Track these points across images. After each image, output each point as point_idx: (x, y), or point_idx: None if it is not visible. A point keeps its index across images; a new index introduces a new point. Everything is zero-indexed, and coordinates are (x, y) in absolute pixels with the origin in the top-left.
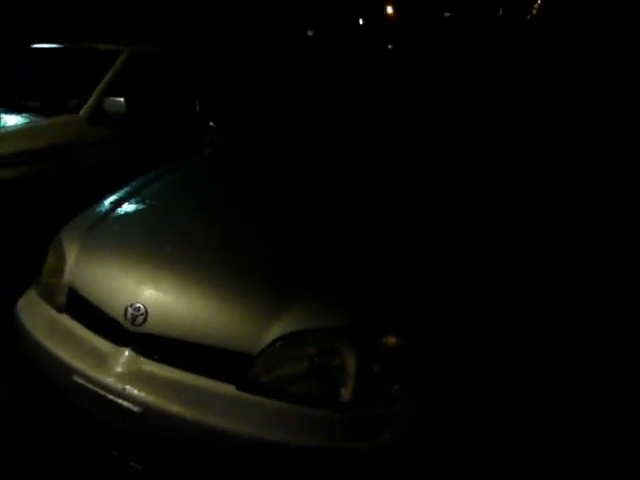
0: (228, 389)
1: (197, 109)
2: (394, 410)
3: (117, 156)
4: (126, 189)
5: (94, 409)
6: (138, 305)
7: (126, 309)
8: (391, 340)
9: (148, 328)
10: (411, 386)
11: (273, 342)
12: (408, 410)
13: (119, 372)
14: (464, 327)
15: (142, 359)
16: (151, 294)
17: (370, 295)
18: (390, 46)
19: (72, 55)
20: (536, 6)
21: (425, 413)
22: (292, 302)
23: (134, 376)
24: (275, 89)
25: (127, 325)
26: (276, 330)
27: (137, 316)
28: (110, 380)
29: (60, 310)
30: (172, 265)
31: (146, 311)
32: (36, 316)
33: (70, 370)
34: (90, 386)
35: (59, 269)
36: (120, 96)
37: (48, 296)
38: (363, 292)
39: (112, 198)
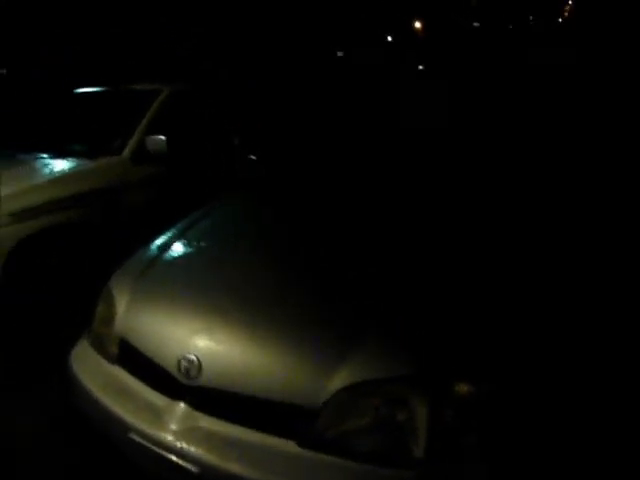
0: (290, 446)
1: (236, 143)
2: (469, 466)
3: (161, 195)
4: (173, 231)
5: (151, 466)
6: (191, 357)
7: (179, 361)
8: (463, 388)
9: (202, 381)
10: (487, 438)
11: (336, 394)
12: (484, 465)
13: (175, 429)
14: (537, 369)
15: (198, 414)
16: (205, 345)
17: (434, 339)
18: (421, 67)
19: (113, 97)
20: (567, 8)
21: (502, 468)
22: (352, 350)
23: (191, 433)
24: (314, 120)
25: (181, 378)
26: (338, 381)
27: (190, 369)
28: (166, 437)
29: (112, 361)
30: (225, 313)
31: (199, 363)
32: (89, 368)
33: (125, 426)
34: (146, 443)
35: (110, 318)
36: (160, 134)
37: (100, 346)
38: (426, 336)
39: (159, 242)
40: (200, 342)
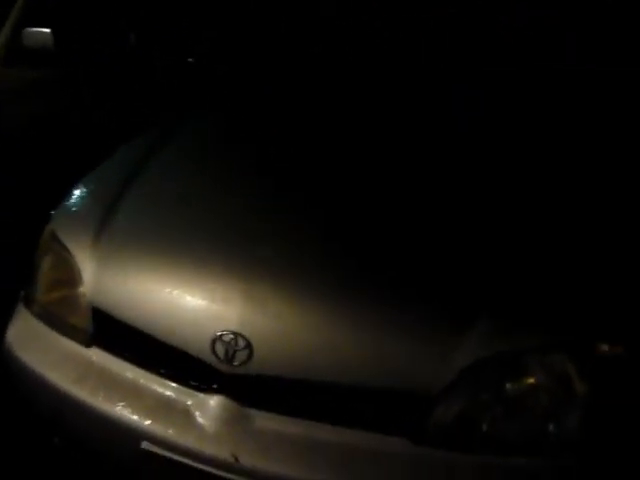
0: (401, 445)
1: (132, 42)
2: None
3: (50, 105)
4: (125, 156)
5: None
6: (234, 336)
7: (214, 342)
8: (604, 349)
9: (255, 368)
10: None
11: (461, 373)
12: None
13: (219, 433)
14: None
15: (250, 411)
16: (250, 318)
17: (565, 298)
18: None
19: None
20: None
21: None
22: (469, 319)
23: (246, 438)
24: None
25: (219, 365)
26: (460, 357)
27: (236, 351)
28: (208, 446)
29: (85, 342)
30: (271, 272)
31: (249, 343)
32: (47, 353)
33: (133, 434)
34: (175, 457)
35: (67, 281)
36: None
37: (56, 321)
38: (557, 296)
39: (109, 174)
40: (243, 314)
